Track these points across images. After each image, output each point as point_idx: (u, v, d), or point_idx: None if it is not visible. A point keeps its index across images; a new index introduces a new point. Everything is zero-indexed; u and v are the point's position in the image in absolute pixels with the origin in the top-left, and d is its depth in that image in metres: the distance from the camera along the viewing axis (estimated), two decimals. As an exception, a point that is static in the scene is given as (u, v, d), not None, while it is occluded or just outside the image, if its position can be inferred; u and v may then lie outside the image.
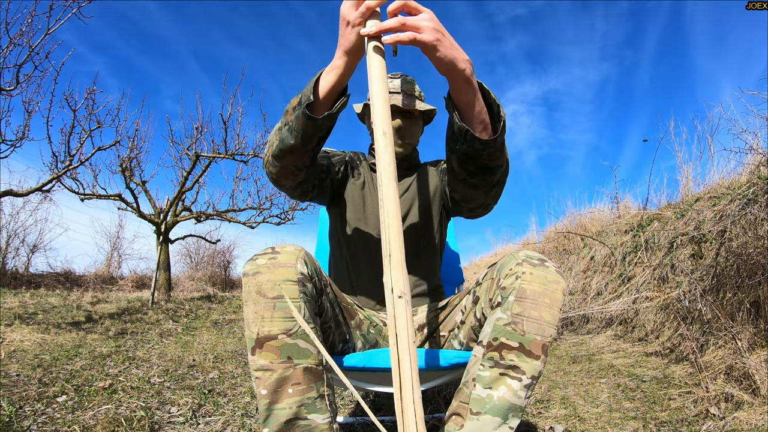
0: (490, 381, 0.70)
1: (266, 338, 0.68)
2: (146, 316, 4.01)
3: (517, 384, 0.69)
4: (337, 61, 0.78)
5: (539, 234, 6.06)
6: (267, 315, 0.68)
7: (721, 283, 2.08)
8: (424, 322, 1.00)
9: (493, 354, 0.71)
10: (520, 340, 0.70)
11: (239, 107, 5.20)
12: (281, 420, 0.67)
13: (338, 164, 1.12)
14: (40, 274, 6.87)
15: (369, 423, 1.40)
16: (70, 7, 3.10)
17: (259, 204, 6.43)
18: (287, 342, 0.68)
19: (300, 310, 0.69)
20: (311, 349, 0.69)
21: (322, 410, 0.70)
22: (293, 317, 0.68)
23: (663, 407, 1.50)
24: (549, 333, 0.70)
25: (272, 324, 0.68)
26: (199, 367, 2.22)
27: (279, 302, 0.68)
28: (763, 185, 2.27)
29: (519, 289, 0.71)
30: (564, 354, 2.62)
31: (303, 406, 0.68)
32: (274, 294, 0.68)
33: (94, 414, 1.37)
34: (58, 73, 3.43)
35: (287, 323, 0.68)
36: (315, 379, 0.70)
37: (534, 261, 0.74)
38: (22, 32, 3.08)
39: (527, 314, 0.70)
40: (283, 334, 0.68)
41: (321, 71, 0.81)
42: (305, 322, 0.68)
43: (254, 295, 0.69)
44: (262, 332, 0.68)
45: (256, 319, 0.68)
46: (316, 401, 0.69)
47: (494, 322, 0.73)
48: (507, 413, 0.69)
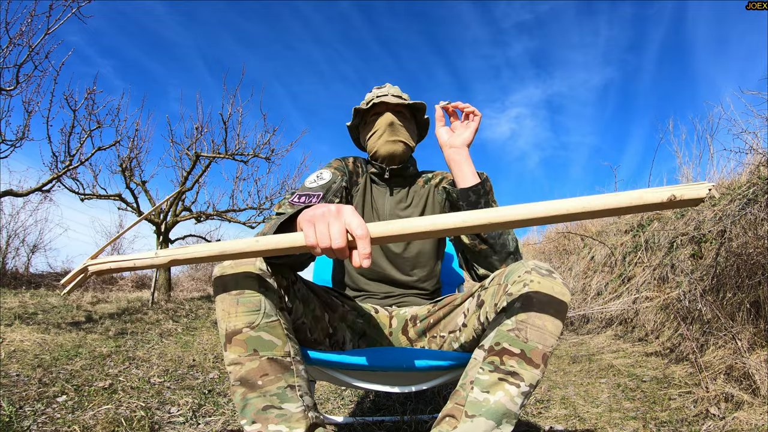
0: (489, 385, 0.71)
1: (233, 333, 0.70)
2: (146, 316, 4.01)
3: (515, 390, 0.70)
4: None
5: (539, 234, 6.06)
6: (232, 311, 0.70)
7: (721, 283, 2.08)
8: (423, 322, 1.00)
9: (494, 358, 0.72)
10: (522, 347, 0.70)
11: (239, 107, 5.21)
12: (258, 407, 0.69)
13: (337, 202, 1.04)
14: (40, 274, 6.88)
15: (369, 423, 1.40)
16: (69, 6, 3.11)
17: (259, 204, 6.43)
18: (251, 335, 0.70)
19: (260, 304, 0.71)
20: (275, 340, 0.71)
21: (294, 399, 0.71)
22: (256, 311, 0.71)
23: (663, 407, 1.50)
24: (551, 343, 0.71)
25: (237, 319, 0.70)
26: (199, 367, 2.22)
27: (241, 297, 0.71)
28: (763, 185, 2.27)
29: (526, 296, 0.72)
30: (564, 354, 2.62)
31: (275, 395, 0.70)
32: (237, 290, 0.71)
33: (94, 414, 1.37)
34: (58, 73, 3.44)
35: (250, 317, 0.70)
36: (282, 370, 0.71)
37: (542, 271, 0.75)
38: (22, 32, 3.09)
39: (532, 322, 0.70)
40: (246, 327, 0.70)
41: (281, 219, 0.74)
42: (265, 314, 0.71)
43: (221, 294, 0.72)
44: (229, 327, 0.70)
45: (224, 316, 0.71)
46: (286, 391, 0.71)
47: (498, 327, 0.73)
48: (501, 418, 0.69)
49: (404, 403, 1.67)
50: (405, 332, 1.01)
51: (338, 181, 1.06)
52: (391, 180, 1.16)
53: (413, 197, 1.16)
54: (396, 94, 1.16)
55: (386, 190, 1.16)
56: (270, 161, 5.81)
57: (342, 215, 0.61)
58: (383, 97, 1.13)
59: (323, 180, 1.05)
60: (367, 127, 1.16)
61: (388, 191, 1.16)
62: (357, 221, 0.59)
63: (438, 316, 0.97)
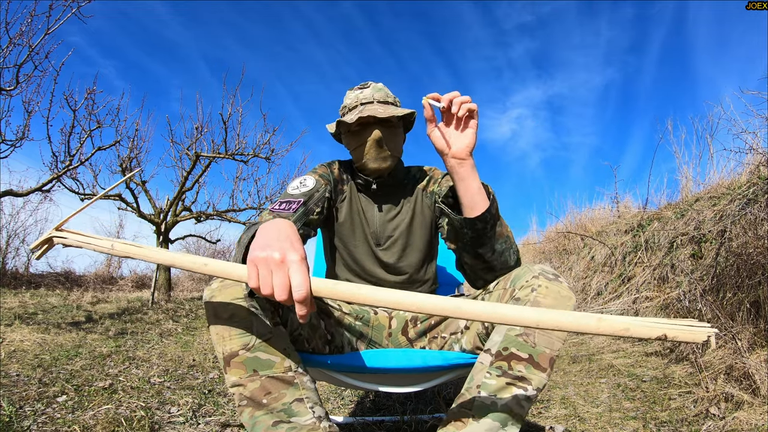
0: (496, 389, 0.71)
1: (230, 356, 0.71)
2: (146, 316, 4.01)
3: (522, 393, 0.70)
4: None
5: (539, 234, 6.06)
6: (226, 335, 0.71)
7: (721, 283, 2.08)
8: (424, 323, 1.00)
9: (501, 363, 0.72)
10: (531, 351, 0.71)
11: (239, 107, 5.20)
12: (268, 423, 0.70)
13: (318, 212, 1.02)
14: (40, 274, 6.88)
15: (369, 423, 1.40)
16: (69, 6, 3.11)
17: (259, 204, 6.43)
18: (248, 356, 0.71)
19: (251, 325, 0.72)
20: (273, 358, 0.72)
21: (302, 412, 0.71)
22: (249, 333, 0.71)
23: (663, 407, 1.50)
24: (557, 347, 0.72)
25: (232, 342, 0.71)
26: (199, 367, 2.22)
27: (232, 322, 0.71)
28: (763, 185, 2.27)
29: (534, 301, 0.72)
30: (564, 354, 2.62)
31: (282, 411, 0.70)
32: (228, 314, 0.71)
33: (94, 414, 1.37)
34: (58, 73, 3.43)
35: (244, 339, 0.71)
36: (285, 385, 0.72)
37: (549, 276, 0.76)
38: (22, 32, 3.08)
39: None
40: (242, 349, 0.71)
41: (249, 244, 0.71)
42: (258, 333, 0.72)
43: (213, 318, 0.72)
44: (226, 351, 0.71)
45: (219, 340, 0.72)
46: (292, 405, 0.71)
47: (506, 332, 0.74)
48: (506, 420, 0.70)
49: (404, 403, 1.67)
50: (405, 333, 1.01)
51: (321, 189, 1.04)
52: (379, 189, 1.11)
53: (402, 205, 1.13)
54: (382, 99, 1.08)
55: (374, 199, 1.13)
56: (270, 161, 5.81)
57: (285, 266, 0.57)
58: (369, 106, 1.04)
59: (306, 187, 1.02)
60: (352, 136, 1.08)
61: (377, 201, 1.12)
62: (298, 280, 0.56)
63: (439, 317, 0.97)
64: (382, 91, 1.10)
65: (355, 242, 1.11)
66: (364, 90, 1.10)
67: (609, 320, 0.51)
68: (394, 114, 1.02)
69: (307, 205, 0.98)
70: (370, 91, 1.09)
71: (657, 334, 0.51)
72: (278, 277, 0.57)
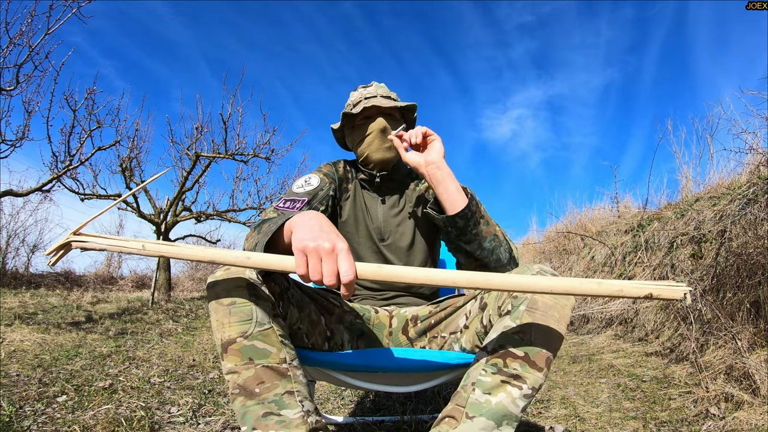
0: (491, 387, 0.71)
1: (228, 342, 0.71)
2: (146, 316, 4.01)
3: (517, 392, 0.70)
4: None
5: (539, 234, 6.06)
6: (225, 321, 0.72)
7: (721, 283, 2.08)
8: (424, 322, 1.00)
9: (497, 361, 0.72)
10: (527, 350, 0.71)
11: (239, 107, 5.20)
12: (258, 414, 0.70)
13: (322, 210, 1.04)
14: (40, 274, 6.88)
15: (369, 423, 1.40)
16: (69, 6, 3.11)
17: (259, 204, 6.43)
18: (245, 344, 0.71)
19: (252, 314, 0.72)
20: (269, 348, 0.72)
21: (292, 405, 0.71)
22: (248, 320, 0.72)
23: (663, 407, 1.50)
24: (554, 347, 0.71)
25: (230, 329, 0.71)
26: (199, 367, 2.22)
27: (233, 307, 0.72)
28: (763, 185, 2.27)
29: (531, 299, 0.72)
30: (564, 354, 2.62)
31: (272, 402, 0.70)
32: (228, 301, 0.72)
33: (94, 414, 1.37)
34: (58, 73, 3.43)
35: (243, 326, 0.71)
36: (279, 377, 0.72)
37: (548, 275, 0.75)
38: (22, 32, 3.09)
39: (536, 325, 0.71)
40: (240, 337, 0.71)
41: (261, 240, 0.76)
42: (258, 323, 0.72)
43: (214, 305, 0.73)
44: (224, 337, 0.71)
45: (218, 326, 0.72)
46: (283, 397, 0.71)
47: (502, 330, 0.73)
48: (501, 420, 0.69)
49: (404, 403, 1.67)
50: (405, 332, 1.01)
51: (326, 188, 1.06)
52: (382, 185, 1.14)
53: (405, 202, 1.14)
54: (384, 94, 1.12)
55: (378, 196, 1.14)
56: (270, 161, 5.81)
57: (334, 254, 0.63)
58: (372, 99, 1.09)
59: (311, 186, 1.04)
60: (356, 131, 1.12)
61: (380, 198, 1.14)
62: (346, 265, 0.62)
63: (439, 317, 0.97)
64: (384, 88, 1.16)
65: (359, 239, 1.11)
66: (367, 88, 1.16)
67: (607, 284, 0.62)
68: (396, 104, 1.10)
69: (311, 203, 1.00)
70: (374, 88, 1.15)
71: (644, 293, 0.62)
72: (328, 264, 0.62)
